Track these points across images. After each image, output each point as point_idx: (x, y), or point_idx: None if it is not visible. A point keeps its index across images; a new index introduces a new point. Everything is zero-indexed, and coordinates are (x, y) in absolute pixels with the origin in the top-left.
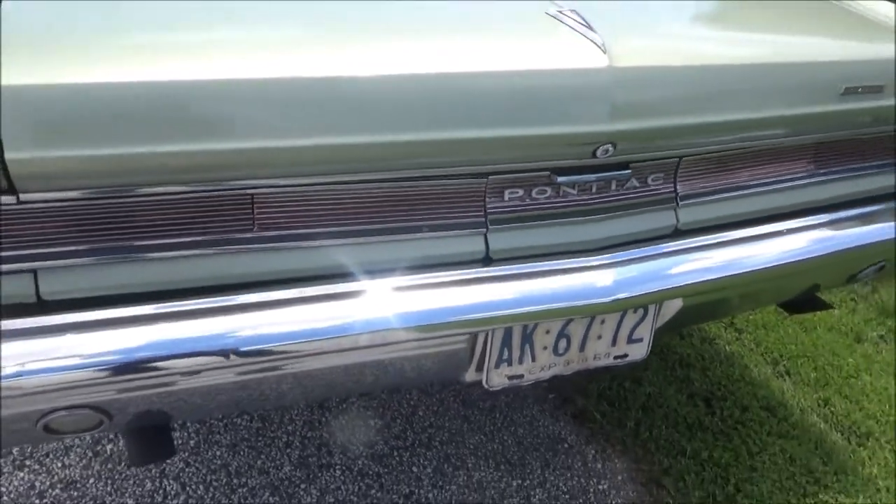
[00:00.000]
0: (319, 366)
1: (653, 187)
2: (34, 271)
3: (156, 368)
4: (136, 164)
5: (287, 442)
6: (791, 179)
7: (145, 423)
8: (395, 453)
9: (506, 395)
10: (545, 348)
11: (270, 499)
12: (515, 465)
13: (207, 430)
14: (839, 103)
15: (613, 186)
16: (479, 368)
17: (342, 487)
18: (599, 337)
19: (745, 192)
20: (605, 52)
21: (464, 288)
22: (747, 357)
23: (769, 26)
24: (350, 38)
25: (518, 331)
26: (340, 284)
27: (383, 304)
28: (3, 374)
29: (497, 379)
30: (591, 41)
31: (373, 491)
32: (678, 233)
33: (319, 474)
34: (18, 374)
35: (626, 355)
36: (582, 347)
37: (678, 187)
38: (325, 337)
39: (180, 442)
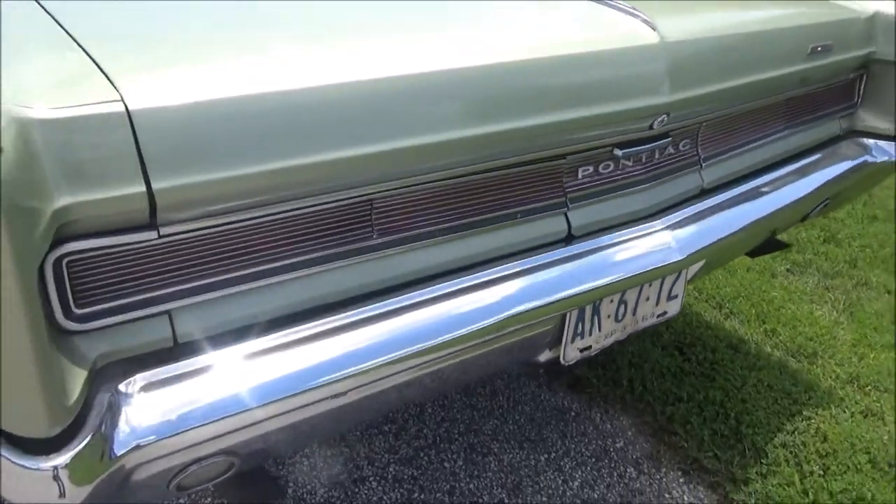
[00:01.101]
0: (451, 362)
1: (682, 152)
2: (168, 312)
3: (310, 394)
4: (276, 179)
5: (311, 465)
6: (773, 133)
7: (266, 460)
8: (422, 453)
9: (500, 379)
10: (609, 317)
11: None
12: (536, 441)
13: None
14: (807, 62)
15: (657, 156)
16: (555, 346)
17: (384, 498)
18: (648, 299)
19: (743, 150)
20: (654, 30)
21: (562, 266)
22: (696, 305)
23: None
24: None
25: (590, 304)
26: (455, 281)
27: (500, 292)
28: (114, 447)
29: (572, 353)
30: (642, 20)
31: (415, 494)
32: (703, 192)
33: (357, 490)
34: (167, 433)
35: (665, 312)
36: (634, 311)
37: (700, 151)
38: (462, 332)
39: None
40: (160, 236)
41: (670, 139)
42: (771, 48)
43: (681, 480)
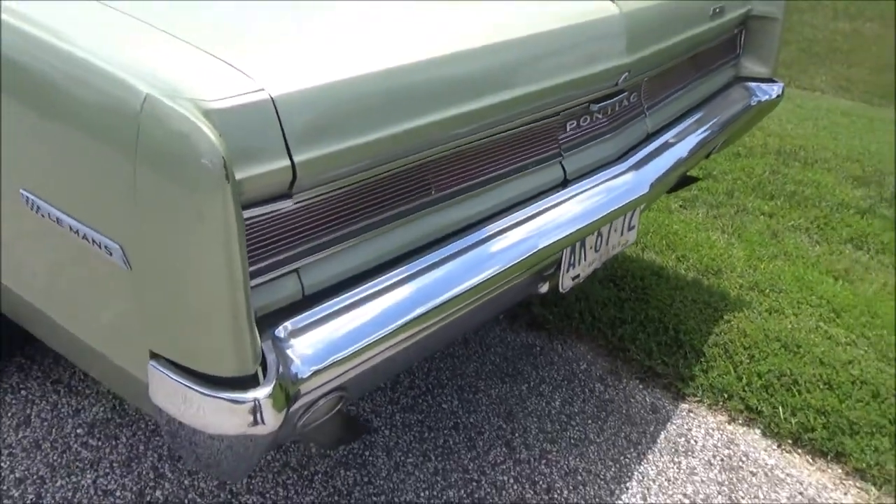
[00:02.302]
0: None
1: (633, 104)
2: (297, 270)
3: (427, 318)
4: (386, 144)
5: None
6: (687, 83)
7: (360, 396)
8: (420, 400)
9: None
10: (591, 248)
11: (347, 474)
12: (514, 374)
13: None
14: (710, 21)
15: (618, 108)
16: (553, 278)
17: (399, 441)
18: (616, 230)
19: (671, 100)
20: (614, 2)
21: (565, 207)
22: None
23: None
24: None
25: (579, 239)
26: (490, 226)
27: (527, 231)
28: (298, 373)
29: (567, 282)
30: None
31: (425, 434)
32: (649, 136)
33: (373, 438)
34: (321, 363)
35: (627, 241)
36: (607, 242)
37: (643, 102)
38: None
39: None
40: (294, 203)
41: (626, 93)
42: (688, 13)
43: (640, 387)
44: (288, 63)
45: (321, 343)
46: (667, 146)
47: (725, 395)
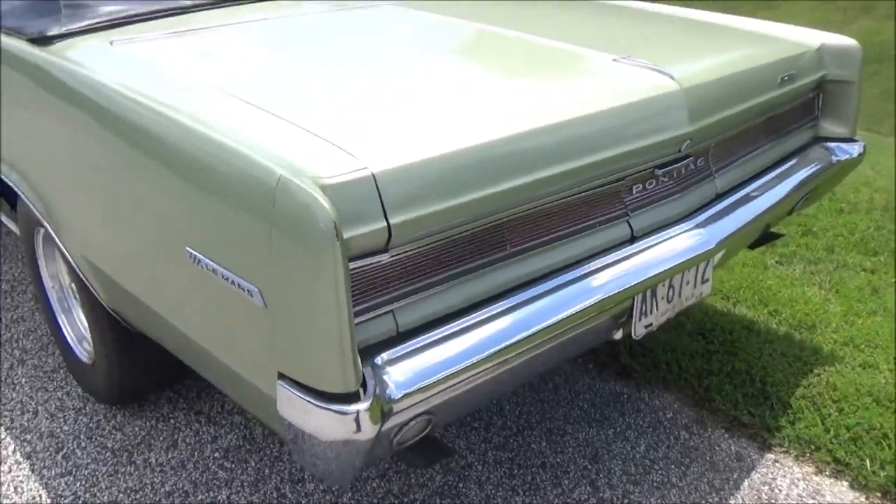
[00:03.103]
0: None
1: (701, 167)
2: (392, 311)
3: (502, 354)
4: (476, 206)
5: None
6: (761, 146)
7: (447, 422)
8: (511, 439)
9: (559, 376)
10: (663, 298)
11: (442, 502)
12: (601, 419)
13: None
14: (779, 89)
15: (684, 172)
16: (626, 325)
17: (490, 476)
18: (688, 283)
19: (742, 161)
20: (674, 80)
21: (632, 260)
22: (707, 299)
23: (734, 45)
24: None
25: (650, 289)
26: (563, 277)
27: (596, 281)
28: (391, 394)
29: (640, 329)
30: (662, 73)
31: (514, 471)
32: (718, 195)
33: (467, 472)
34: (404, 394)
35: (701, 293)
36: (679, 294)
37: (712, 165)
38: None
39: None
40: (390, 257)
41: (692, 158)
42: (753, 82)
43: (725, 436)
44: (385, 142)
45: (411, 371)
46: (736, 205)
47: (812, 447)
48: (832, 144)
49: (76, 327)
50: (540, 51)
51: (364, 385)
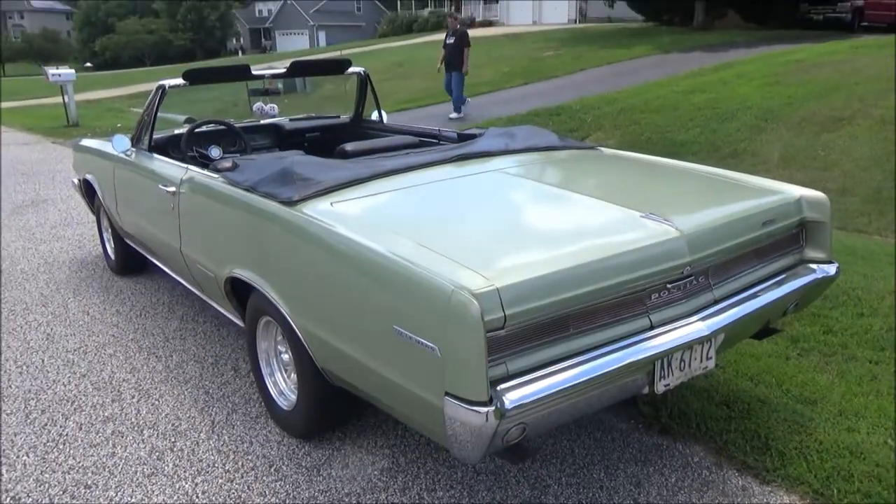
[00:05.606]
0: (613, 384)
1: (701, 283)
2: (504, 361)
3: (568, 392)
4: (555, 306)
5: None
6: (752, 267)
7: (539, 432)
8: (579, 471)
9: (615, 430)
10: (676, 367)
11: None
12: (645, 460)
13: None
14: (761, 230)
15: (688, 286)
16: (651, 384)
17: (562, 493)
18: (696, 358)
19: (735, 277)
20: (677, 229)
21: (660, 337)
22: (735, 380)
23: (729, 196)
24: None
25: (666, 359)
26: (610, 347)
27: (631, 353)
28: (504, 407)
29: (660, 388)
30: (670, 225)
31: (580, 491)
32: (715, 301)
33: (547, 490)
34: (513, 407)
35: (707, 367)
36: (689, 365)
37: (710, 281)
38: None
39: None
40: (506, 332)
41: (693, 276)
42: (739, 226)
43: (735, 474)
44: (504, 268)
45: (515, 396)
46: (729, 307)
47: (798, 482)
48: (814, 265)
49: (277, 385)
50: (595, 208)
51: (491, 399)
